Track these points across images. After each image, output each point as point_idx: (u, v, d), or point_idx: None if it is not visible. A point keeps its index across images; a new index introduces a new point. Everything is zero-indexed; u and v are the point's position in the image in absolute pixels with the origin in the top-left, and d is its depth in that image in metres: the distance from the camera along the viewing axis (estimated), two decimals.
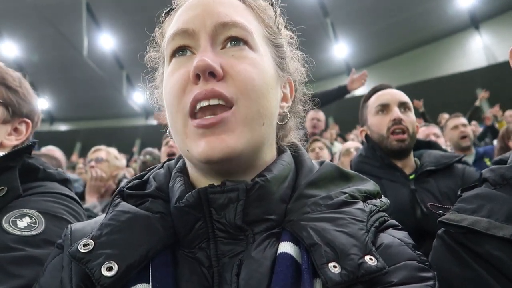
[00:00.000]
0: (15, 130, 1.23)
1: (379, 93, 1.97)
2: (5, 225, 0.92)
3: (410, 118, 1.88)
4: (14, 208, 0.98)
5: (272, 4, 0.84)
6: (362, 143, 2.25)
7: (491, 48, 13.30)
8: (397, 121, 1.83)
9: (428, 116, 6.16)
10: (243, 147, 0.66)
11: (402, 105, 1.90)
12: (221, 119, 0.65)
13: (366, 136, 2.02)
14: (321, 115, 5.02)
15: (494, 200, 0.74)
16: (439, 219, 0.75)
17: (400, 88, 2.02)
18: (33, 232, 0.94)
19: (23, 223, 0.95)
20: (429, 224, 1.59)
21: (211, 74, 0.66)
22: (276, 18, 0.83)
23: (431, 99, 6.96)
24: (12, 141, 1.20)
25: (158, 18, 0.87)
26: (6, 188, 1.01)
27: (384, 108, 1.91)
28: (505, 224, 0.67)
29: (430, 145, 2.16)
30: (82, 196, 3.13)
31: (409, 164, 1.92)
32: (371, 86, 2.13)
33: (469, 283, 0.60)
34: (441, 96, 12.98)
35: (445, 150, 2.12)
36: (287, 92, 0.84)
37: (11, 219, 0.95)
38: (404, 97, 1.92)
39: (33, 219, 0.97)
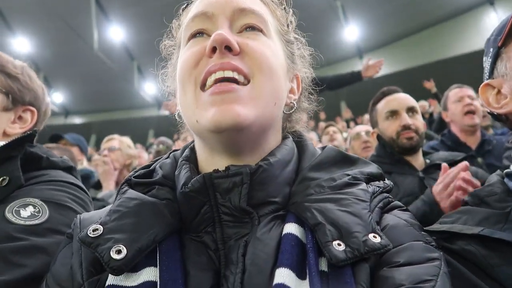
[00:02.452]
0: (20, 118, 1.22)
1: (388, 98, 2.14)
2: (8, 215, 0.91)
3: (418, 121, 2.07)
4: (17, 198, 0.97)
5: (284, 7, 0.88)
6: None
7: None
8: (406, 127, 2.01)
9: (442, 95, 6.03)
10: (253, 119, 0.67)
11: (410, 110, 2.07)
12: (235, 89, 0.67)
13: (378, 136, 2.18)
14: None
15: (470, 213, 0.89)
16: (424, 228, 0.82)
17: (414, 69, 2.05)
18: (36, 221, 0.93)
19: (26, 212, 0.94)
20: None
21: (228, 48, 0.69)
22: (287, 18, 0.88)
23: (445, 79, 6.81)
24: (16, 129, 1.19)
25: (167, 7, 0.88)
26: (8, 178, 1.00)
27: (393, 114, 2.09)
28: (475, 227, 0.82)
29: None
30: (99, 185, 3.18)
31: (418, 161, 2.08)
32: (387, 67, 2.16)
33: (452, 278, 0.64)
34: (456, 75, 12.65)
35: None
36: (294, 86, 0.87)
37: (14, 208, 0.93)
38: (412, 102, 2.10)
39: (36, 208, 0.96)
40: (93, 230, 0.65)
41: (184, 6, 0.86)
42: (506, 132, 3.44)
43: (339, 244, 0.59)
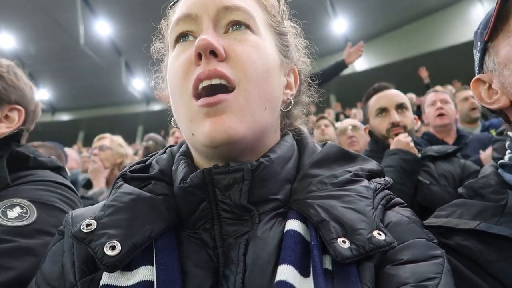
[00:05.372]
0: (6, 117, 1.19)
1: (378, 95, 2.19)
2: None
3: (407, 117, 2.11)
4: (3, 198, 0.95)
5: None
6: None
7: None
8: (395, 124, 2.06)
9: (432, 87, 6.13)
10: (245, 131, 0.66)
11: (400, 107, 2.11)
12: (222, 100, 0.65)
13: (370, 132, 2.23)
14: None
15: (465, 206, 0.87)
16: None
17: (402, 61, 2.05)
18: (24, 222, 0.91)
19: (13, 213, 0.92)
20: (427, 200, 1.78)
21: (213, 53, 0.67)
22: (279, 7, 0.84)
23: (433, 71, 6.87)
24: (3, 128, 1.16)
25: (153, 1, 0.86)
26: None
27: (382, 111, 2.13)
28: (471, 221, 0.81)
29: None
30: (89, 184, 3.16)
31: None
32: (376, 60, 2.16)
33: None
34: (444, 67, 12.81)
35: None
36: (291, 80, 0.84)
37: (1, 209, 0.91)
38: (401, 99, 2.14)
39: (24, 208, 0.94)
40: (86, 225, 0.63)
41: (172, 3, 0.84)
42: (494, 123, 3.53)
43: (344, 242, 0.59)
